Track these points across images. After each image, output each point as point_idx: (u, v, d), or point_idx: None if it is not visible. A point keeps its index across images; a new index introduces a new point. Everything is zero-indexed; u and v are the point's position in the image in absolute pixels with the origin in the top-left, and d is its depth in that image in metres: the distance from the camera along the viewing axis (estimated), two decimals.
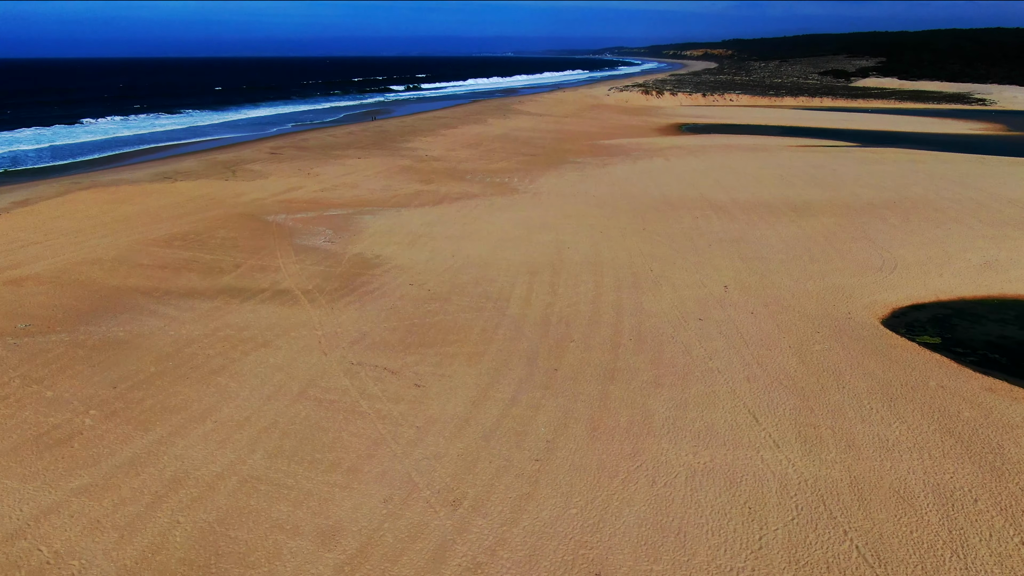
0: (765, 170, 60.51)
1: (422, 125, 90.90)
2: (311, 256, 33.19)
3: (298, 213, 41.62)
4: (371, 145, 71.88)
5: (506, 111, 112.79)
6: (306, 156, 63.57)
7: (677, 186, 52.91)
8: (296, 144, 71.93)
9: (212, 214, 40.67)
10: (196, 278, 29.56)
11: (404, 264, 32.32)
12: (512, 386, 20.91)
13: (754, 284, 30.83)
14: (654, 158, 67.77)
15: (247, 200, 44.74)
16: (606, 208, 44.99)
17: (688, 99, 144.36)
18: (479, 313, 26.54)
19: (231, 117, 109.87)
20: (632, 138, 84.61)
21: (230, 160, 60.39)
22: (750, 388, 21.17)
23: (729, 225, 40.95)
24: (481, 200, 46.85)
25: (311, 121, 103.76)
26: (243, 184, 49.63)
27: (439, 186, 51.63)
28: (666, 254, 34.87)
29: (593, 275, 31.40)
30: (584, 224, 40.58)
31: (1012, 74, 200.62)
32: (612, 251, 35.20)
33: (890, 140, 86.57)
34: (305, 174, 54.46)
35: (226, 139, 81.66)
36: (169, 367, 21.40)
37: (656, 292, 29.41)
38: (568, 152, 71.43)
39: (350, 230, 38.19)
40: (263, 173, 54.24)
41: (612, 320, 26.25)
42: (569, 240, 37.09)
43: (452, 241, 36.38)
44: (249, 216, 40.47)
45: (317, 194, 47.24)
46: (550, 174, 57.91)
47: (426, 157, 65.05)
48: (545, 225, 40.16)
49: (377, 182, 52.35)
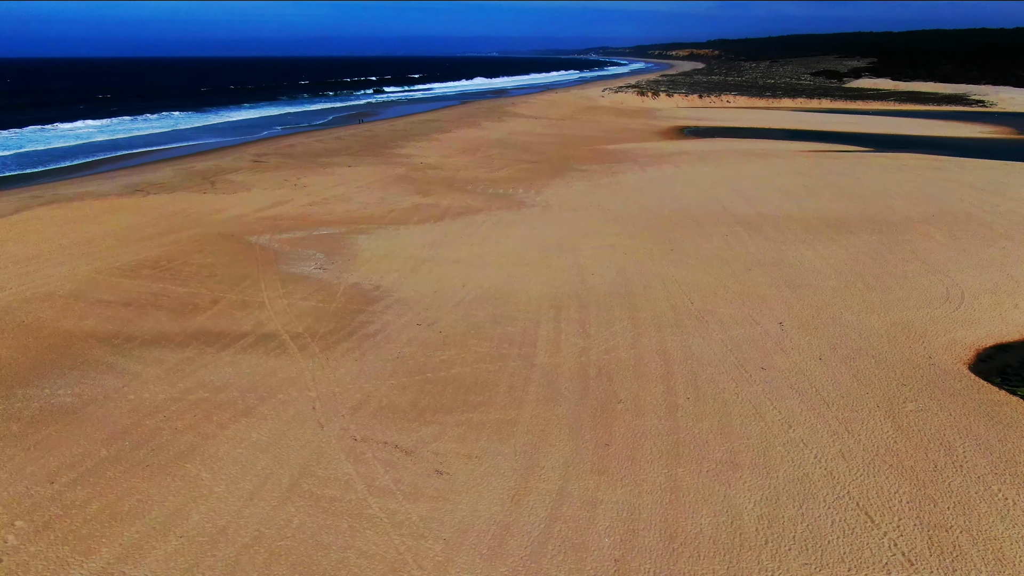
0: (784, 179, 56.73)
1: (414, 129, 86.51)
2: (301, 287, 28.85)
3: (284, 233, 37.21)
4: (362, 151, 67.42)
5: (500, 114, 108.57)
6: (292, 164, 59.04)
7: (695, 197, 48.95)
8: (281, 150, 67.34)
9: (187, 234, 36.17)
10: (166, 318, 25.15)
11: (408, 297, 28.05)
12: (557, 470, 16.76)
13: (811, 319, 26.86)
14: (663, 165, 63.84)
15: (227, 217, 40.25)
16: (625, 224, 40.91)
17: (685, 100, 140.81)
18: (503, 363, 22.35)
19: (213, 120, 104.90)
20: (635, 143, 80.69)
21: (210, 169, 55.76)
22: (849, 469, 17.13)
23: (764, 244, 36.99)
24: (486, 215, 42.63)
25: (297, 124, 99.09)
26: (223, 198, 45.10)
27: (438, 199, 47.34)
28: (703, 281, 30.83)
29: (627, 310, 27.29)
30: (604, 244, 36.48)
31: (1006, 75, 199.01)
32: (642, 278, 31.11)
33: (902, 144, 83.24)
34: (291, 185, 49.98)
35: (207, 144, 76.87)
36: (125, 449, 17.04)
37: (703, 332, 25.35)
38: (571, 158, 67.34)
39: (344, 253, 33.86)
40: (246, 184, 49.69)
41: (661, 371, 22.15)
42: (591, 265, 32.96)
43: (460, 267, 32.14)
44: (229, 237, 36.02)
45: (305, 209, 42.82)
46: (556, 184, 53.78)
47: (421, 165, 60.72)
48: (561, 246, 36.01)
49: (371, 194, 47.98)
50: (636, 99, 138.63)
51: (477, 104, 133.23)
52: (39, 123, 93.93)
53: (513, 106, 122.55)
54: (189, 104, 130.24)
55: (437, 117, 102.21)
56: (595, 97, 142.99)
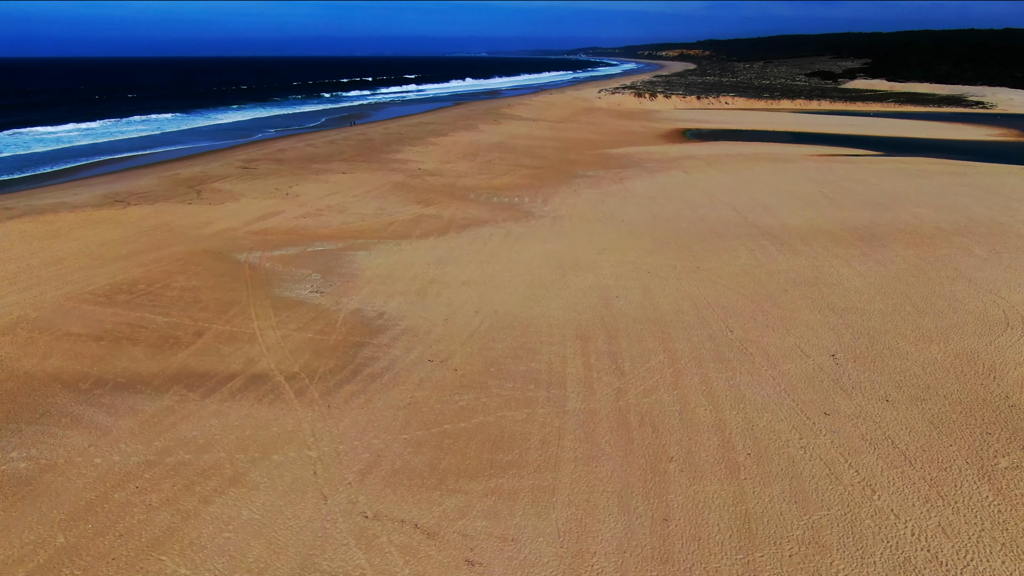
0: (800, 185, 54.15)
1: (409, 132, 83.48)
2: (296, 315, 25.88)
3: (276, 249, 34.18)
4: (356, 157, 64.36)
5: (496, 116, 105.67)
6: (283, 171, 55.92)
7: (711, 207, 46.26)
8: (271, 155, 64.18)
9: (170, 252, 33.09)
10: (143, 355, 22.13)
11: (417, 326, 25.14)
12: (612, 557, 13.92)
13: (865, 351, 24.15)
14: (671, 170, 61.16)
15: (214, 231, 37.18)
16: (642, 237, 38.13)
17: (682, 102, 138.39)
18: (531, 410, 19.50)
19: (200, 123, 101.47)
20: (639, 146, 78.03)
21: (196, 177, 52.57)
22: (955, 550, 14.39)
23: (795, 260, 34.30)
24: (494, 228, 39.74)
25: (287, 127, 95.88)
26: (210, 209, 41.98)
27: (441, 208, 44.41)
28: (739, 305, 28.08)
29: (660, 340, 24.50)
30: (624, 261, 33.67)
31: (1002, 76, 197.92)
32: (671, 301, 28.32)
33: (910, 147, 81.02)
34: (283, 194, 46.91)
35: (194, 148, 73.59)
36: (86, 535, 14.07)
37: (750, 367, 22.59)
38: (576, 164, 64.56)
39: (342, 273, 30.88)
40: (234, 194, 46.58)
41: (711, 419, 19.36)
42: (614, 285, 30.14)
43: (471, 289, 29.24)
44: (216, 254, 32.96)
45: (299, 222, 39.79)
46: (563, 191, 50.96)
47: (419, 171, 57.76)
48: (578, 263, 33.17)
49: (368, 204, 44.98)
50: (634, 100, 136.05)
51: (471, 106, 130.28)
52: (19, 126, 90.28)
53: (509, 108, 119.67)
54: (176, 105, 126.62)
55: (432, 120, 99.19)
56: (592, 98, 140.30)
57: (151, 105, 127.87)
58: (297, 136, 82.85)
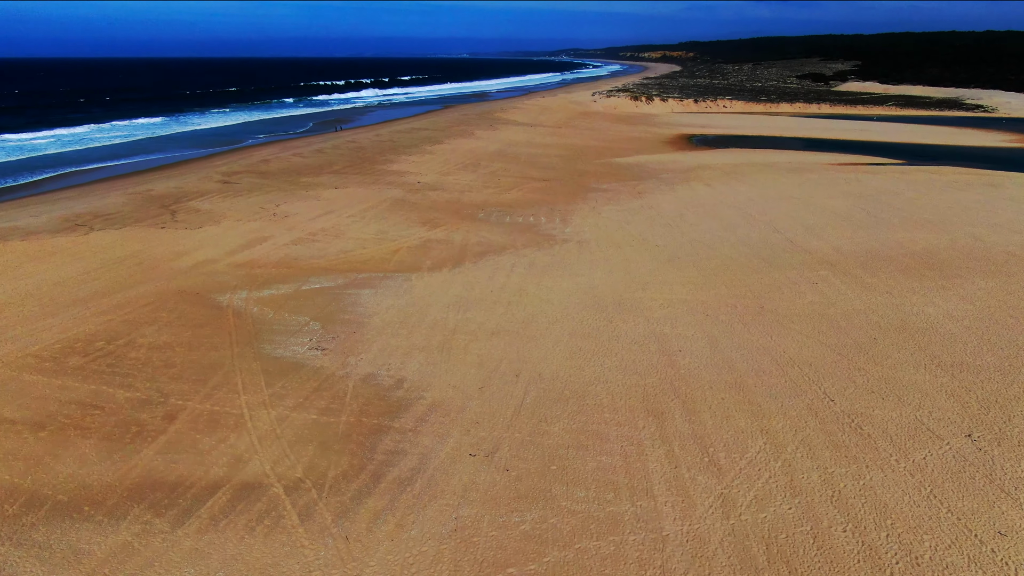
0: (835, 200, 49.71)
1: (402, 139, 78.23)
2: (293, 384, 20.74)
3: (265, 288, 28.95)
4: (348, 168, 59.06)
5: (491, 121, 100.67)
6: (269, 185, 50.53)
7: (749, 227, 41.63)
8: (255, 167, 58.71)
9: (138, 293, 27.76)
10: (95, 455, 16.91)
11: (447, 399, 20.10)
12: None
13: (1002, 427, 19.48)
14: (691, 183, 56.54)
15: (191, 264, 31.84)
16: (685, 267, 33.35)
17: (680, 105, 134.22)
18: (618, 536, 14.56)
19: (177, 129, 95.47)
20: (647, 154, 73.39)
21: (171, 193, 47.05)
22: None
23: (869, 297, 29.64)
24: (514, 256, 34.74)
25: (270, 133, 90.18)
26: (186, 235, 36.59)
27: (449, 231, 39.35)
28: (827, 361, 23.33)
29: (751, 416, 19.66)
30: (674, 299, 28.84)
31: (995, 78, 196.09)
32: (745, 356, 23.51)
33: (930, 155, 77.15)
34: (270, 215, 41.60)
35: (170, 158, 67.87)
36: None
37: (875, 457, 17.80)
38: (586, 175, 59.75)
39: (346, 320, 25.75)
40: (214, 214, 41.18)
41: (856, 546, 14.53)
42: (671, 334, 25.29)
43: (504, 341, 24.25)
44: (193, 296, 27.68)
45: (290, 250, 34.54)
46: (581, 208, 46.09)
47: (419, 185, 52.64)
48: (622, 303, 28.27)
49: (367, 226, 39.81)
50: (630, 104, 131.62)
51: (462, 109, 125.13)
52: None
53: (503, 112, 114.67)
54: (154, 110, 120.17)
55: (424, 125, 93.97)
56: (586, 102, 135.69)
57: (126, 109, 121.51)
58: (281, 143, 77.30)
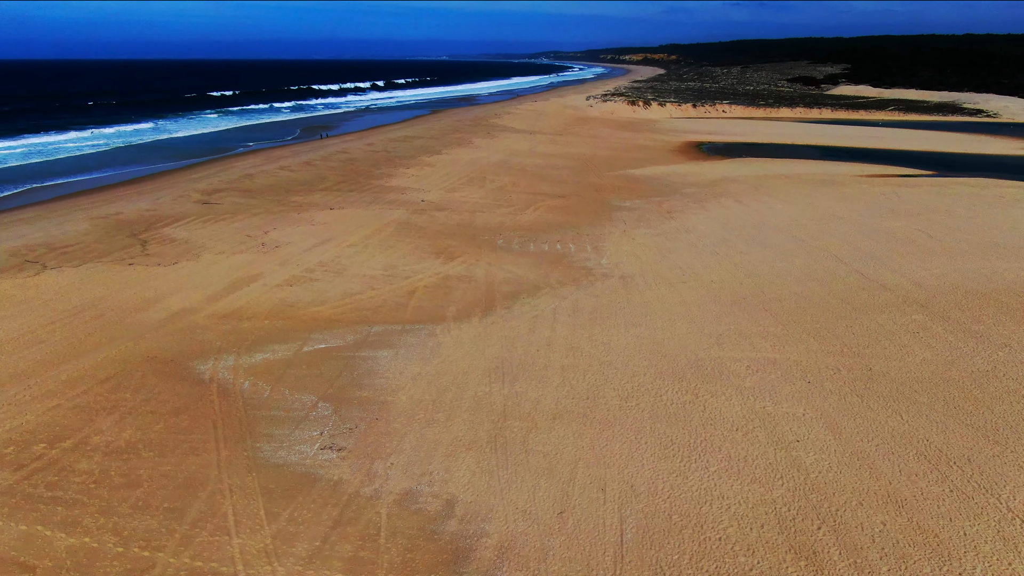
0: (886, 220, 44.89)
1: (396, 149, 72.48)
2: (304, 515, 15.14)
3: (257, 351, 23.25)
4: (342, 183, 53.29)
5: (487, 128, 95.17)
6: (254, 206, 44.67)
7: (806, 254, 36.59)
8: (238, 183, 52.72)
9: (95, 362, 21.96)
10: None
11: (519, 537, 14.60)
12: None
13: None
14: (719, 198, 51.50)
15: (164, 315, 26.04)
16: (756, 312, 28.12)
17: (678, 110, 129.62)
18: None
19: (152, 137, 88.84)
20: (661, 165, 68.35)
21: (142, 217, 41.05)
22: None
23: (986, 352, 24.58)
24: (552, 298, 29.28)
25: (251, 142, 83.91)
26: (159, 274, 30.71)
27: (469, 263, 33.83)
28: (991, 457, 18.16)
29: (938, 561, 14.39)
30: (761, 359, 23.58)
31: (987, 82, 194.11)
32: (886, 452, 18.24)
33: (958, 165, 72.98)
34: (258, 244, 35.81)
35: (143, 171, 61.65)
36: None
37: None
38: (603, 190, 54.48)
39: (364, 401, 20.16)
40: (192, 245, 35.30)
41: None
42: (776, 413, 19.99)
43: (572, 430, 18.78)
44: (166, 365, 21.93)
45: (284, 293, 28.81)
46: (610, 232, 40.78)
47: (424, 204, 47.06)
48: (700, 366, 22.96)
49: (372, 258, 34.18)
50: (627, 109, 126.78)
51: (453, 115, 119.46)
52: None
53: (497, 118, 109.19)
54: (127, 115, 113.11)
55: (417, 133, 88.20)
56: (581, 106, 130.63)
57: (101, 114, 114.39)
58: (265, 153, 71.19)
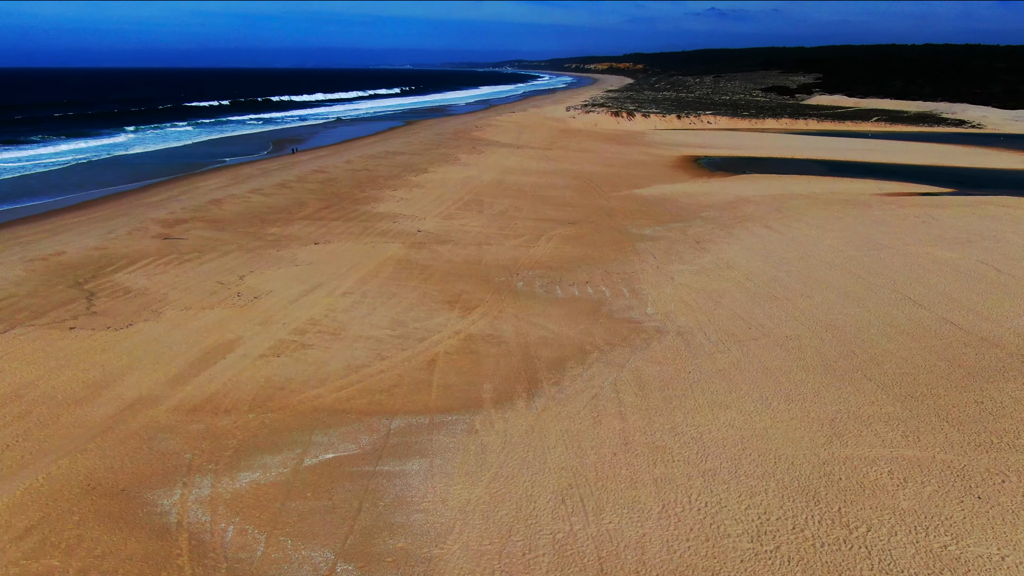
0: (940, 249, 40.31)
1: (378, 167, 66.32)
2: None
3: (242, 467, 17.16)
4: (324, 210, 47.05)
5: (471, 142, 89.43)
6: (225, 240, 38.28)
7: (876, 297, 31.59)
8: (204, 210, 46.15)
9: (8, 500, 15.67)
10: None
11: None
12: None
13: None
14: (746, 224, 46.52)
15: (114, 409, 19.75)
16: (854, 379, 22.86)
17: (663, 121, 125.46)
18: None
19: (104, 154, 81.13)
20: (664, 183, 63.38)
21: (88, 259, 34.41)
22: None
23: None
24: (605, 366, 23.61)
25: (216, 159, 76.85)
26: (107, 342, 24.30)
27: (490, 315, 28.03)
28: None
29: None
30: (902, 459, 18.21)
31: (960, 92, 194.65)
32: None
33: (965, 180, 69.56)
34: (233, 294, 29.54)
35: (92, 194, 54.61)
36: None
37: None
38: (615, 215, 49.12)
39: (401, 558, 14.19)
40: (150, 297, 28.87)
41: None
42: (973, 559, 14.62)
43: None
44: (112, 501, 15.72)
45: (270, 368, 22.68)
46: (643, 271, 35.35)
47: (421, 236, 41.14)
48: (828, 471, 17.49)
49: (373, 311, 28.16)
50: (611, 120, 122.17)
51: (430, 127, 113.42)
52: None
53: (478, 131, 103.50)
54: (77, 129, 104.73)
55: (397, 148, 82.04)
56: (563, 118, 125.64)
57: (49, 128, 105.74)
58: (232, 171, 64.42)
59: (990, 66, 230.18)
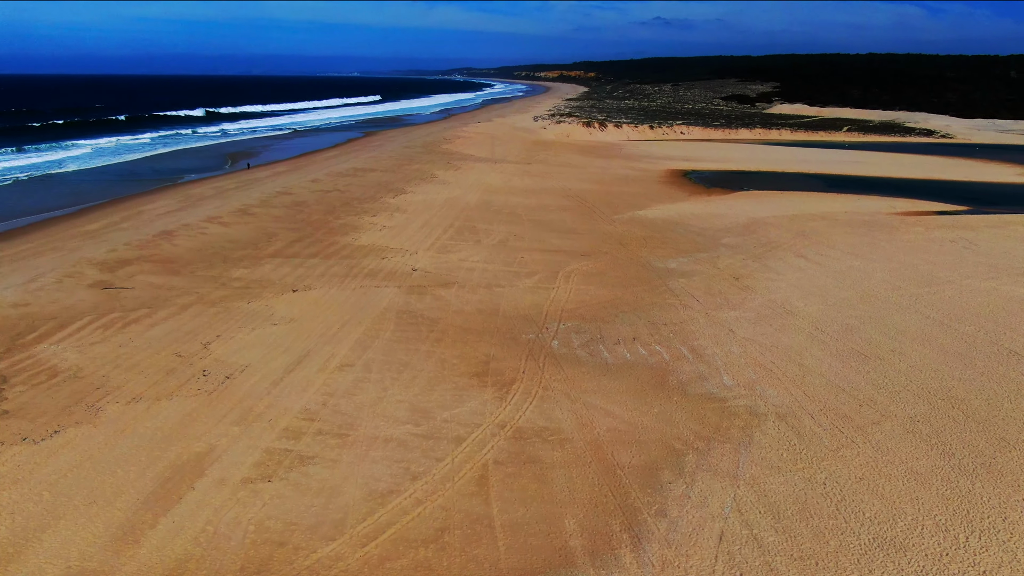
0: (1004, 283, 35.86)
1: (350, 188, 59.43)
2: None
3: None
4: (296, 243, 40.17)
5: (444, 156, 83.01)
6: (182, 289, 31.21)
7: (975, 352, 26.62)
8: (153, 247, 38.77)
9: None
10: None
11: None
12: None
13: None
14: (778, 253, 41.43)
15: None
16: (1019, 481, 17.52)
17: (635, 132, 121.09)
18: None
19: (31, 172, 72.11)
20: (664, 203, 58.22)
21: (5, 323, 27.02)
22: None
23: None
24: (713, 480, 17.75)
25: (164, 177, 68.58)
26: (19, 463, 17.32)
27: (538, 399, 21.90)
28: None
29: None
30: None
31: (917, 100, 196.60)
32: None
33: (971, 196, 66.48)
34: (197, 372, 22.73)
35: (12, 224, 46.45)
36: None
37: None
38: (629, 244, 43.47)
39: None
40: (85, 381, 21.83)
41: None
42: None
43: None
44: None
45: (258, 507, 16.11)
46: (693, 318, 29.67)
47: (417, 275, 34.74)
48: None
49: (384, 397, 21.73)
50: (583, 131, 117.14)
51: (394, 139, 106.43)
52: None
53: (448, 143, 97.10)
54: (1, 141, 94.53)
55: (365, 164, 75.07)
56: (533, 128, 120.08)
57: None
58: (182, 192, 56.63)
59: (941, 75, 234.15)
